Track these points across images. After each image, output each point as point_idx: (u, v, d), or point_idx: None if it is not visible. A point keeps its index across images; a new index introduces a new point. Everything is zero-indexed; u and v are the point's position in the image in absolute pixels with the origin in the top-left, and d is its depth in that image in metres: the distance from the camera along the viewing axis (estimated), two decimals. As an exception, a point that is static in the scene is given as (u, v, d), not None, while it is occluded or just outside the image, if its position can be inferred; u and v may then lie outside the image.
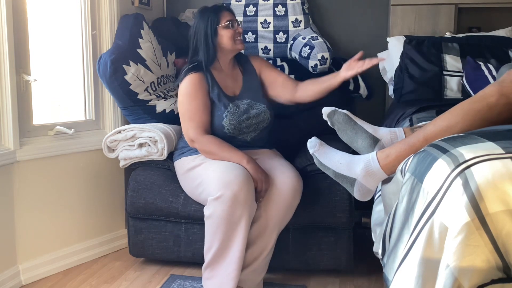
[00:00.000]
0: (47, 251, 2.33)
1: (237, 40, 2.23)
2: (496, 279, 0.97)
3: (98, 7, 2.55)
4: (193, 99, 2.16)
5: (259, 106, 2.27)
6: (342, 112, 1.64)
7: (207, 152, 2.15)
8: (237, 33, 2.22)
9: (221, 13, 2.21)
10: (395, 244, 1.19)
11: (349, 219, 2.19)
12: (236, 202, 1.94)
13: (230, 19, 2.21)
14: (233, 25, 2.21)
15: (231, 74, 2.32)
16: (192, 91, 2.16)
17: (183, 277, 2.28)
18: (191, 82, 2.17)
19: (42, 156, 2.26)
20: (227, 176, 1.98)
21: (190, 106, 2.16)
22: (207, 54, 2.21)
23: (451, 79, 2.45)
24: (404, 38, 2.64)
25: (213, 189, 1.99)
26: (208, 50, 2.21)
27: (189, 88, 2.17)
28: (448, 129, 1.34)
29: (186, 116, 2.17)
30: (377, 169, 1.44)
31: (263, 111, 2.27)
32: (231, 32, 2.20)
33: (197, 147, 2.16)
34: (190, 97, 2.16)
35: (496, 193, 0.97)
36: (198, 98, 2.16)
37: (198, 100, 2.16)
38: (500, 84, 1.33)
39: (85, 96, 2.57)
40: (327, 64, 2.64)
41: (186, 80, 2.18)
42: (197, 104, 2.15)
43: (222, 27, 2.20)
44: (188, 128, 2.16)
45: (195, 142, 2.15)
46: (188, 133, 2.16)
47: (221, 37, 2.21)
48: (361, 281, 2.28)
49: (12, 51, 2.09)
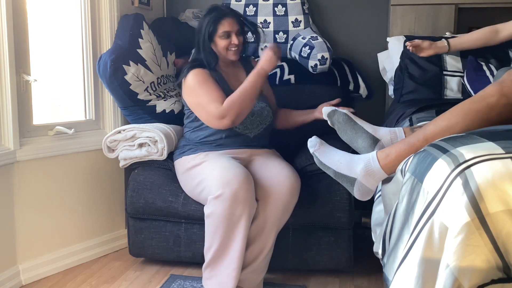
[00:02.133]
0: (47, 251, 2.33)
1: (230, 51, 2.24)
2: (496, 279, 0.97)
3: (98, 7, 2.55)
4: (205, 83, 2.16)
5: (261, 103, 2.29)
6: (342, 112, 1.64)
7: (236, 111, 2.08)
8: (231, 44, 2.23)
9: (221, 21, 2.21)
10: (395, 244, 1.19)
11: (349, 219, 2.19)
12: (236, 201, 1.94)
13: (227, 30, 2.21)
14: (229, 36, 2.22)
15: (233, 73, 2.34)
16: (201, 79, 2.17)
17: (183, 277, 2.28)
18: (198, 72, 2.18)
19: (42, 156, 2.26)
20: (227, 175, 1.98)
21: (204, 90, 2.14)
22: (209, 56, 2.24)
23: (451, 79, 2.45)
24: (404, 38, 2.64)
25: (213, 187, 1.99)
26: (208, 53, 2.24)
27: (197, 78, 2.17)
28: (448, 129, 1.34)
29: (204, 101, 2.14)
30: (377, 169, 1.44)
31: (266, 109, 2.29)
32: (225, 43, 2.22)
33: (226, 121, 2.09)
34: (202, 83, 2.16)
35: (496, 193, 0.97)
36: (210, 82, 2.17)
37: (210, 83, 2.16)
38: (500, 84, 1.33)
39: (85, 96, 2.57)
40: (327, 64, 2.64)
41: (191, 73, 2.19)
42: (210, 87, 2.15)
43: (217, 36, 2.22)
44: (212, 110, 2.11)
45: (225, 116, 2.09)
46: (214, 113, 2.11)
47: (215, 45, 2.24)
48: (361, 281, 2.28)
49: (12, 51, 2.09)
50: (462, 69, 2.44)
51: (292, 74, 2.76)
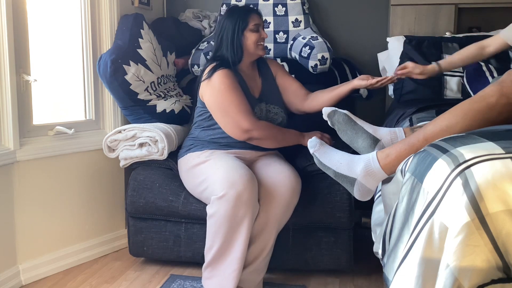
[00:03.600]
0: (47, 251, 2.33)
1: (259, 45, 2.24)
2: (496, 279, 0.97)
3: (98, 7, 2.55)
4: (234, 90, 2.11)
5: (277, 109, 2.29)
6: (342, 112, 1.64)
7: (267, 137, 2.13)
8: (261, 38, 2.23)
9: (250, 15, 2.21)
10: (395, 244, 1.19)
11: (349, 219, 2.19)
12: (240, 202, 1.94)
13: (257, 23, 2.22)
14: (258, 30, 2.22)
15: (251, 75, 2.32)
16: (230, 83, 2.12)
17: (183, 277, 2.28)
18: (226, 75, 2.13)
19: (42, 156, 2.26)
20: (232, 176, 1.98)
21: (233, 98, 2.10)
22: (235, 53, 2.20)
23: (451, 79, 2.45)
24: (404, 38, 2.64)
25: (217, 187, 1.99)
26: (235, 50, 2.20)
27: (226, 81, 2.11)
28: (448, 129, 1.34)
29: (231, 109, 2.10)
30: (377, 169, 1.44)
31: (282, 116, 2.29)
32: (256, 36, 2.21)
33: (255, 135, 2.10)
34: (231, 89, 2.10)
35: (496, 193, 0.97)
36: (238, 89, 2.13)
37: (239, 91, 2.12)
38: (500, 84, 1.33)
39: (85, 96, 2.57)
40: (327, 64, 2.64)
41: (219, 74, 2.13)
42: (239, 95, 2.11)
43: (249, 29, 2.20)
44: (239, 120, 2.09)
45: (252, 130, 2.09)
46: (241, 125, 2.09)
47: (246, 39, 2.21)
48: (361, 281, 2.28)
49: (12, 51, 2.09)
50: (462, 69, 2.44)
51: (292, 74, 2.76)
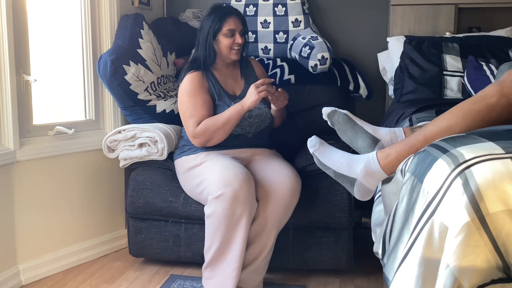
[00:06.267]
0: (47, 251, 2.33)
1: (233, 50, 2.24)
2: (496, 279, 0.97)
3: (98, 7, 2.55)
4: (193, 96, 2.18)
5: (260, 105, 2.28)
6: (342, 112, 1.64)
7: (212, 135, 2.13)
8: (235, 43, 2.23)
9: (226, 19, 2.21)
10: (395, 244, 1.19)
11: (349, 219, 2.19)
12: (237, 201, 1.94)
13: (232, 28, 2.21)
14: (233, 35, 2.22)
15: (231, 74, 2.34)
16: (191, 89, 2.19)
17: (183, 277, 2.28)
18: (191, 80, 2.20)
19: (42, 156, 2.26)
20: (228, 175, 1.99)
21: (189, 103, 2.18)
22: (207, 55, 2.24)
23: (451, 79, 2.45)
24: (404, 38, 2.64)
25: (213, 188, 2.00)
26: (207, 52, 2.23)
27: (188, 86, 2.19)
28: (448, 129, 1.34)
29: (186, 114, 2.19)
30: (377, 169, 1.44)
31: (265, 111, 2.28)
32: (229, 41, 2.22)
33: (197, 141, 2.17)
34: (190, 95, 2.18)
35: (496, 193, 0.96)
36: (198, 95, 2.18)
37: (198, 97, 2.18)
38: (500, 84, 1.33)
39: (85, 96, 2.57)
40: (327, 64, 2.64)
41: (186, 79, 2.21)
42: (196, 101, 2.17)
43: (222, 34, 2.21)
44: (189, 125, 2.18)
45: (195, 138, 2.16)
46: (189, 130, 2.18)
47: (219, 43, 2.23)
48: (361, 281, 2.28)
49: (12, 51, 2.09)
50: (462, 69, 2.44)
51: (292, 74, 2.76)
